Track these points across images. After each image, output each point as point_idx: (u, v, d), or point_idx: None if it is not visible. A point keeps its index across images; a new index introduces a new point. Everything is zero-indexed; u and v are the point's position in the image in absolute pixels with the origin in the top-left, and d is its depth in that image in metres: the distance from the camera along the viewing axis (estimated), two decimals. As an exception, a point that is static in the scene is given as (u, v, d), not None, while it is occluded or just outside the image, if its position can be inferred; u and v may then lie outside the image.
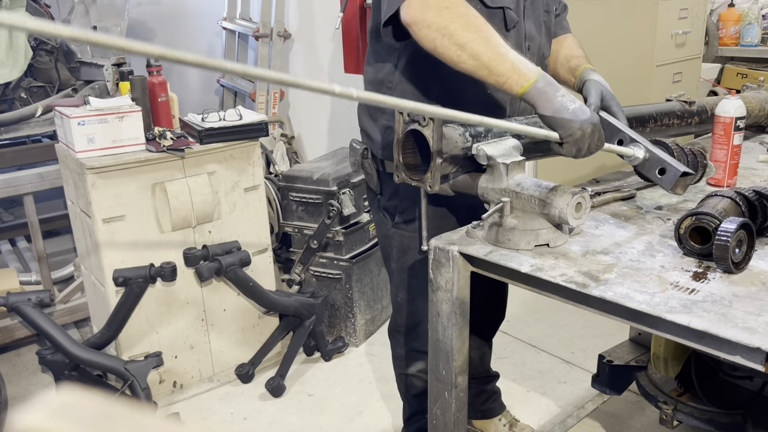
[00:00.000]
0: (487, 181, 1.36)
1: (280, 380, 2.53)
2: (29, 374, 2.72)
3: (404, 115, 1.35)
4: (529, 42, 1.58)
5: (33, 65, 3.37)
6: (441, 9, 1.26)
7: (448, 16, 1.26)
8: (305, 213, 2.84)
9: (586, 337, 2.84)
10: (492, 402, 2.17)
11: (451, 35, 1.26)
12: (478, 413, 2.17)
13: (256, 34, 3.67)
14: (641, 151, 1.40)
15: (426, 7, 1.27)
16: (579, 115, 1.25)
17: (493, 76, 1.27)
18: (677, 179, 1.36)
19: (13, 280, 2.84)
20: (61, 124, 2.38)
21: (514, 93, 1.28)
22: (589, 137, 1.26)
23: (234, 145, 2.47)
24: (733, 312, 1.04)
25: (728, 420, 1.71)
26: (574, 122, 1.25)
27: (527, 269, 1.23)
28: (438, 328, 1.42)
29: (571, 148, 1.27)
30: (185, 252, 2.37)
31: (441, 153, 1.32)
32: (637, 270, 1.20)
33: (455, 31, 1.25)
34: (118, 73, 2.63)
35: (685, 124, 1.88)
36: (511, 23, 1.49)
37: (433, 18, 1.27)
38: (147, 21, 4.31)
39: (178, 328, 2.48)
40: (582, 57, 1.68)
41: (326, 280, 2.83)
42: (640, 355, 2.10)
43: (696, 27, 3.66)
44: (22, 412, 0.36)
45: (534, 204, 1.28)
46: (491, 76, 1.27)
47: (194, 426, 0.44)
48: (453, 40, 1.26)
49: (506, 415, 2.19)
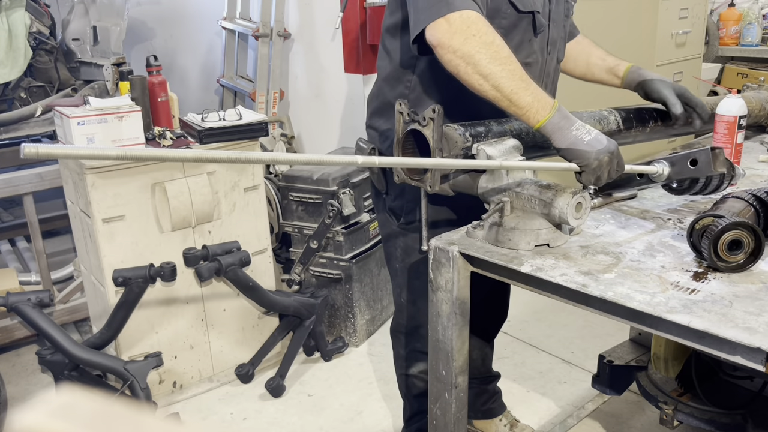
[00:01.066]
0: (487, 181, 1.36)
1: (280, 380, 2.53)
2: (29, 374, 2.72)
3: (404, 115, 1.35)
4: (551, 47, 1.60)
5: (33, 65, 3.37)
6: (468, 36, 1.27)
7: (474, 45, 1.27)
8: (305, 213, 2.84)
9: (586, 337, 2.84)
10: (493, 402, 2.17)
11: (475, 65, 1.27)
12: (478, 413, 2.16)
13: (256, 34, 3.67)
14: (663, 165, 1.40)
15: (452, 33, 1.28)
16: (594, 146, 1.27)
17: (512, 108, 1.29)
18: (711, 156, 1.33)
19: (13, 280, 2.84)
20: (61, 123, 2.38)
21: (530, 125, 1.31)
22: (607, 165, 1.28)
23: (234, 145, 2.47)
24: (734, 312, 1.04)
25: (728, 420, 1.71)
26: (590, 153, 1.27)
27: (527, 269, 1.23)
28: (438, 328, 1.42)
29: (590, 177, 1.29)
30: (185, 252, 2.37)
31: (441, 153, 1.32)
32: (638, 270, 1.20)
33: (480, 61, 1.27)
34: (117, 73, 2.63)
35: (685, 124, 1.88)
36: (540, 28, 1.51)
37: (459, 45, 1.27)
38: (147, 21, 4.31)
39: (178, 328, 2.48)
40: (612, 56, 1.72)
41: (326, 280, 2.83)
42: (640, 355, 2.09)
43: (696, 27, 3.66)
44: (22, 412, 0.36)
45: (534, 204, 1.28)
46: (511, 107, 1.29)
47: (194, 426, 0.44)
48: (477, 70, 1.27)
49: (507, 415, 2.19)
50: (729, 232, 1.16)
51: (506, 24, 1.46)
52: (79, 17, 3.56)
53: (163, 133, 2.36)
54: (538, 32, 1.52)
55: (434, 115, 1.29)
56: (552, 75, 1.66)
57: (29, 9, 3.30)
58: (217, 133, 2.43)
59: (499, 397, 2.19)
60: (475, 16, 1.29)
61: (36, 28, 3.33)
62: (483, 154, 1.34)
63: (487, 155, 1.34)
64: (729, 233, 1.16)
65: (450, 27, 1.27)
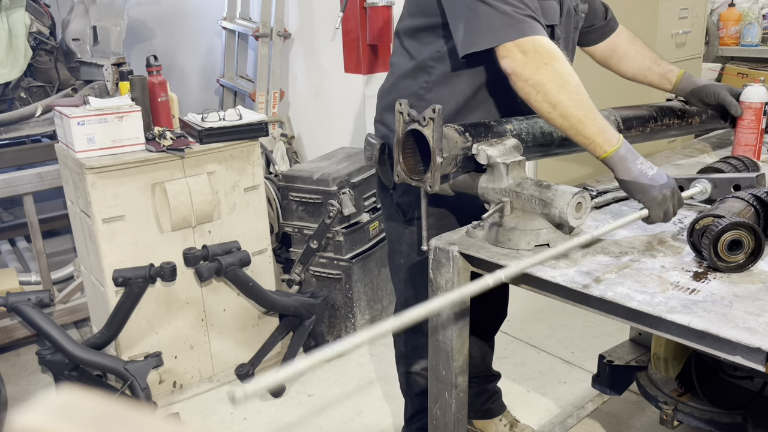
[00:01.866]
0: (487, 181, 1.36)
1: (280, 380, 2.53)
2: (29, 374, 2.72)
3: (404, 115, 1.35)
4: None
5: (33, 65, 3.37)
6: (540, 65, 1.31)
7: (545, 74, 1.31)
8: (305, 213, 2.84)
9: (586, 337, 2.84)
10: (493, 402, 2.17)
11: (545, 93, 1.31)
12: (478, 413, 2.17)
13: (256, 34, 3.67)
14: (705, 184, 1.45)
15: (525, 63, 1.32)
16: (658, 180, 1.30)
17: (579, 137, 1.32)
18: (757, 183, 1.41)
19: (13, 280, 2.84)
20: (61, 123, 2.38)
21: (596, 156, 1.33)
22: (671, 199, 1.31)
23: (234, 145, 2.47)
24: (734, 312, 1.04)
25: (728, 420, 1.70)
26: (654, 188, 1.29)
27: (527, 269, 1.23)
28: (438, 328, 1.42)
29: (658, 212, 1.30)
30: (185, 252, 2.37)
31: (441, 153, 1.32)
32: (638, 270, 1.20)
33: (550, 90, 1.31)
34: (117, 73, 2.63)
35: (685, 124, 1.88)
36: (558, 39, 1.55)
37: (531, 74, 1.32)
38: (147, 21, 4.31)
39: (178, 328, 2.48)
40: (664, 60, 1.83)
41: (326, 280, 2.83)
42: (640, 355, 2.09)
43: (696, 27, 3.66)
44: (22, 412, 0.36)
45: (534, 204, 1.28)
46: (577, 136, 1.32)
47: (194, 426, 0.44)
48: (546, 98, 1.32)
49: (507, 415, 2.19)
50: (729, 232, 1.16)
51: None
52: (79, 17, 3.56)
53: (163, 133, 2.36)
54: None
55: (434, 115, 1.29)
56: None
57: (29, 9, 3.30)
58: (217, 133, 2.43)
59: (499, 397, 2.19)
60: (546, 43, 1.33)
61: (36, 28, 3.34)
62: (483, 154, 1.34)
63: (487, 155, 1.34)
64: (729, 233, 1.16)
65: (524, 56, 1.32)
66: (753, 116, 1.74)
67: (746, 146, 1.75)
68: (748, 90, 1.76)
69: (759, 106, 1.74)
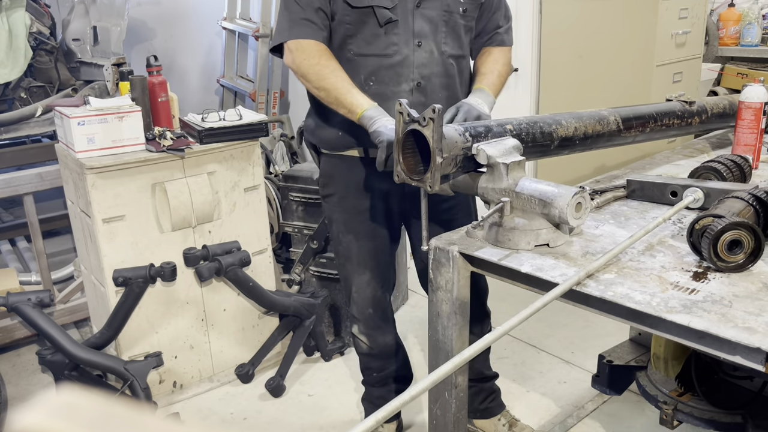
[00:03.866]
0: (487, 181, 1.36)
1: (280, 380, 2.53)
2: (29, 374, 2.72)
3: (404, 115, 1.36)
4: (419, 39, 1.74)
5: (33, 65, 3.37)
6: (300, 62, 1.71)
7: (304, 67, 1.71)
8: (305, 213, 2.84)
9: (586, 337, 2.84)
10: (491, 401, 2.17)
11: (308, 81, 1.72)
12: (477, 413, 2.17)
13: (256, 34, 3.67)
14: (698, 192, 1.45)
15: (291, 60, 1.73)
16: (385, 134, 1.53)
17: (341, 108, 1.67)
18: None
19: (13, 280, 2.84)
20: (61, 124, 2.38)
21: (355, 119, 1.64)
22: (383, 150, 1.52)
23: (234, 145, 2.47)
24: (733, 312, 1.04)
25: (728, 420, 1.70)
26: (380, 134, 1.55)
27: (527, 269, 1.23)
28: (438, 328, 1.42)
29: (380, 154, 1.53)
30: (185, 252, 2.37)
31: (441, 153, 1.32)
32: (637, 270, 1.20)
33: (310, 79, 1.70)
34: (118, 73, 2.62)
35: (685, 124, 1.88)
36: (383, 19, 1.70)
37: (297, 67, 1.73)
38: (147, 21, 4.31)
39: (178, 328, 2.48)
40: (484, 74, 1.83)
41: (326, 280, 2.83)
42: (640, 355, 2.09)
43: (696, 27, 3.66)
44: (23, 412, 0.36)
45: (534, 204, 1.28)
46: (339, 107, 1.67)
47: (194, 426, 0.44)
48: (310, 84, 1.72)
49: (506, 414, 2.19)
50: (729, 232, 1.16)
51: (351, 20, 1.71)
52: (80, 17, 3.56)
53: (163, 133, 2.36)
54: (382, 24, 1.70)
55: (434, 115, 1.29)
56: (432, 66, 1.76)
57: (29, 9, 3.30)
58: (217, 133, 2.43)
59: (497, 397, 2.20)
60: (305, 43, 1.70)
61: (36, 29, 3.34)
62: (483, 154, 1.34)
63: (487, 155, 1.34)
64: (729, 233, 1.16)
65: (290, 54, 1.72)
66: (753, 116, 1.73)
67: (746, 146, 1.74)
68: (748, 90, 1.75)
69: (759, 106, 1.73)
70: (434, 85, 1.77)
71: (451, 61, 1.80)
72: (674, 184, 1.52)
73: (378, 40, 1.71)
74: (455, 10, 1.77)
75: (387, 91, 1.74)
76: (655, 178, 1.59)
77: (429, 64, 1.76)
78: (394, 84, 1.74)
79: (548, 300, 1.09)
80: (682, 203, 1.44)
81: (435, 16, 1.74)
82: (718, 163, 1.58)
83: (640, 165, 1.91)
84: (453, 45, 1.80)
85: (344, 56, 1.74)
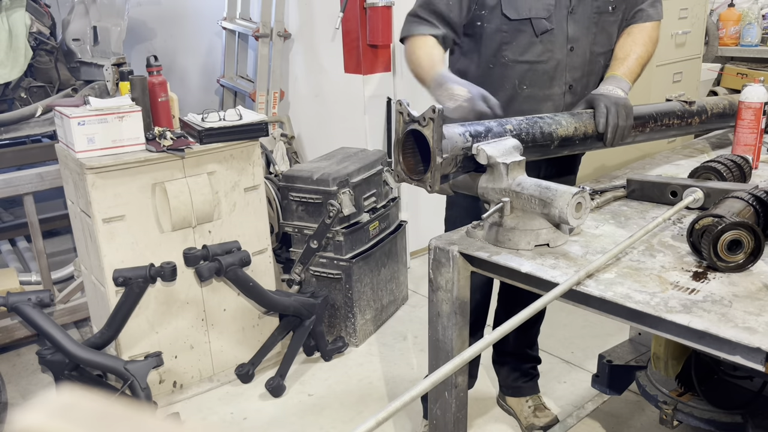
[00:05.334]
0: (487, 181, 1.36)
1: (280, 380, 2.53)
2: (29, 374, 2.72)
3: (404, 115, 1.36)
4: (572, 44, 1.77)
5: (33, 65, 3.37)
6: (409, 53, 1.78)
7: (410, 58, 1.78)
8: (305, 213, 2.84)
9: (586, 337, 2.84)
10: (524, 382, 2.29)
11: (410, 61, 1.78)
12: (509, 389, 2.31)
13: (256, 34, 3.67)
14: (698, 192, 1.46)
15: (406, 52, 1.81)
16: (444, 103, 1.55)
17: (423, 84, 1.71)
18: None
19: (13, 280, 2.84)
20: (61, 124, 2.38)
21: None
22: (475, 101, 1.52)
23: (234, 145, 2.47)
24: (733, 312, 1.04)
25: (728, 420, 1.70)
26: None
27: (527, 269, 1.23)
28: (438, 328, 1.42)
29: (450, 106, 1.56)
30: (185, 252, 2.37)
31: (441, 153, 1.32)
32: (637, 270, 1.20)
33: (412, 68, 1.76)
34: (118, 73, 2.62)
35: (685, 124, 1.88)
36: (539, 30, 1.74)
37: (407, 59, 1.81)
38: (147, 21, 4.31)
39: (178, 328, 2.48)
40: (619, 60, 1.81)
41: (326, 280, 2.83)
42: (640, 355, 2.09)
43: (696, 27, 3.65)
44: (23, 412, 0.36)
45: (534, 204, 1.28)
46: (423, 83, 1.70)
47: (194, 426, 0.44)
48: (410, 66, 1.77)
49: (535, 398, 2.30)
50: (729, 232, 1.16)
51: (507, 29, 1.74)
52: (80, 17, 3.56)
53: (163, 133, 2.36)
54: (538, 34, 1.73)
55: (434, 115, 1.29)
56: (583, 67, 1.80)
57: (29, 9, 3.30)
58: (217, 133, 2.43)
59: (531, 380, 2.31)
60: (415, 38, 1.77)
61: (36, 28, 3.34)
62: (483, 154, 1.34)
63: (487, 155, 1.34)
64: (729, 233, 1.16)
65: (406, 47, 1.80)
66: (752, 116, 1.73)
67: (746, 146, 1.74)
68: (748, 90, 1.75)
69: (759, 106, 1.73)
70: (584, 84, 1.81)
71: (600, 59, 1.83)
72: (674, 184, 1.52)
73: (533, 47, 1.75)
74: (605, 10, 1.79)
75: (539, 94, 1.79)
76: (655, 178, 1.59)
77: (580, 66, 1.80)
78: (547, 87, 1.79)
79: (548, 300, 1.09)
80: (682, 203, 1.44)
81: (586, 19, 1.77)
82: (718, 163, 1.58)
83: (640, 165, 1.91)
84: (603, 43, 1.83)
85: (498, 62, 1.78)
